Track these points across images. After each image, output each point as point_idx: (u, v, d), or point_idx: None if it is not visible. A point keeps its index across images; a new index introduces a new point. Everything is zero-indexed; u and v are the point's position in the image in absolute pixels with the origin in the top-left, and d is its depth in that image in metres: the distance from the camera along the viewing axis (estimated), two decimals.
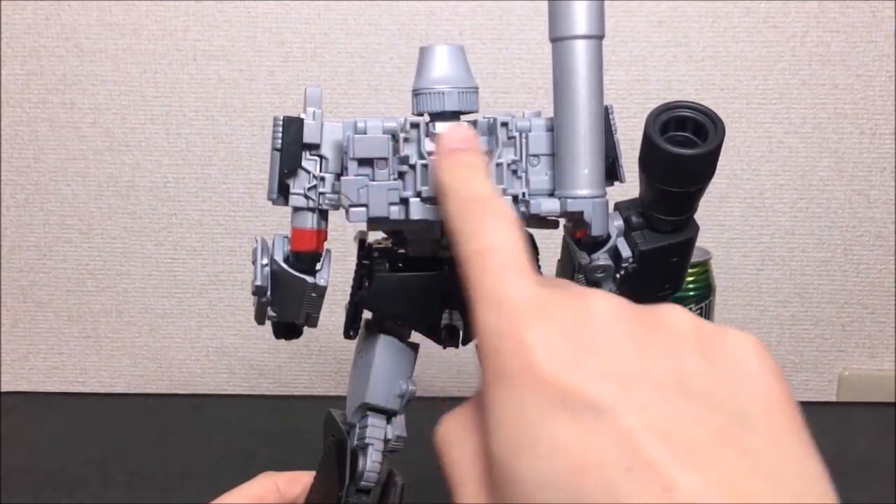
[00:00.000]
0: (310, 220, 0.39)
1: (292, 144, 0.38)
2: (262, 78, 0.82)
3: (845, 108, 0.82)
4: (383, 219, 0.37)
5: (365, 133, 0.37)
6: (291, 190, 0.39)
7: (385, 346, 0.41)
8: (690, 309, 0.71)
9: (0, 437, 0.79)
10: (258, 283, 0.39)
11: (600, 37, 0.33)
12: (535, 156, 0.37)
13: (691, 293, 0.70)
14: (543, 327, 0.24)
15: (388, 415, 0.41)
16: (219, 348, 0.89)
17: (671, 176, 0.39)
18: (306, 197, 0.38)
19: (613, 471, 0.21)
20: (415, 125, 0.37)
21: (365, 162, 0.37)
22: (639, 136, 0.40)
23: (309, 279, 0.39)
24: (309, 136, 0.38)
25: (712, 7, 0.80)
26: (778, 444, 0.22)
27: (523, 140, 0.37)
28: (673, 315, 0.25)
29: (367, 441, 0.40)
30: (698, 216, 0.43)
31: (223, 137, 0.83)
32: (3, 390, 0.89)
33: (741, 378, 0.24)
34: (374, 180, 0.37)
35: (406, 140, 0.37)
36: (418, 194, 0.37)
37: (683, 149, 0.38)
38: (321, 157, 0.38)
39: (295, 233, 0.39)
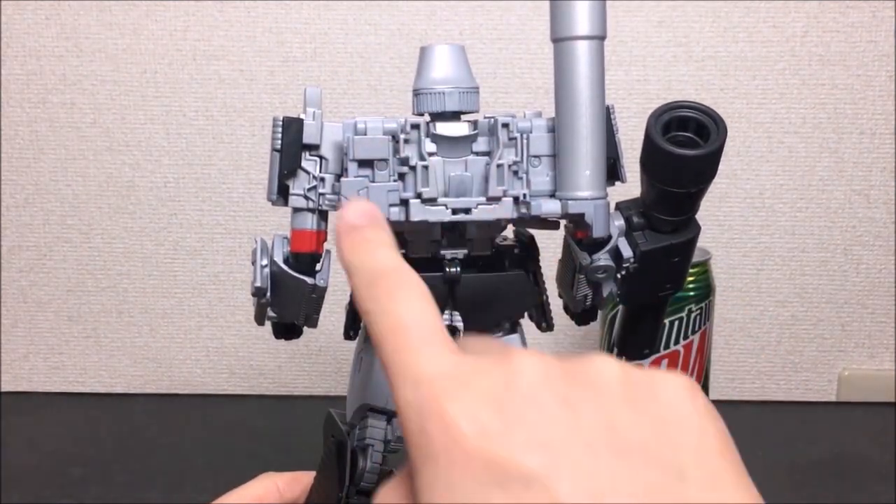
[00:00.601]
0: (309, 221, 0.39)
1: (292, 145, 0.37)
2: (262, 78, 0.82)
3: (845, 108, 0.82)
4: None
5: (365, 134, 0.37)
6: (291, 191, 0.38)
7: None
8: (690, 309, 0.71)
9: (0, 437, 0.79)
10: (258, 284, 0.39)
11: (602, 37, 0.33)
12: (536, 157, 0.36)
13: (691, 293, 0.70)
14: (466, 400, 0.23)
15: (389, 415, 0.41)
16: (219, 348, 0.89)
17: (673, 176, 0.39)
18: (306, 198, 0.38)
19: None
20: (415, 126, 0.37)
21: (365, 163, 0.37)
22: (640, 136, 0.39)
23: (309, 280, 0.39)
24: (309, 137, 0.38)
25: (712, 7, 0.80)
26: (716, 491, 0.22)
27: (524, 141, 0.36)
28: (600, 367, 0.24)
29: (367, 442, 0.40)
30: (698, 216, 0.43)
31: (223, 137, 0.83)
32: (3, 390, 0.89)
33: (673, 424, 0.23)
34: (374, 181, 0.37)
35: (406, 141, 0.37)
36: (418, 195, 0.36)
37: (685, 149, 0.38)
38: (321, 157, 0.38)
39: (294, 234, 0.39)
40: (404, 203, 0.37)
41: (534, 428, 0.22)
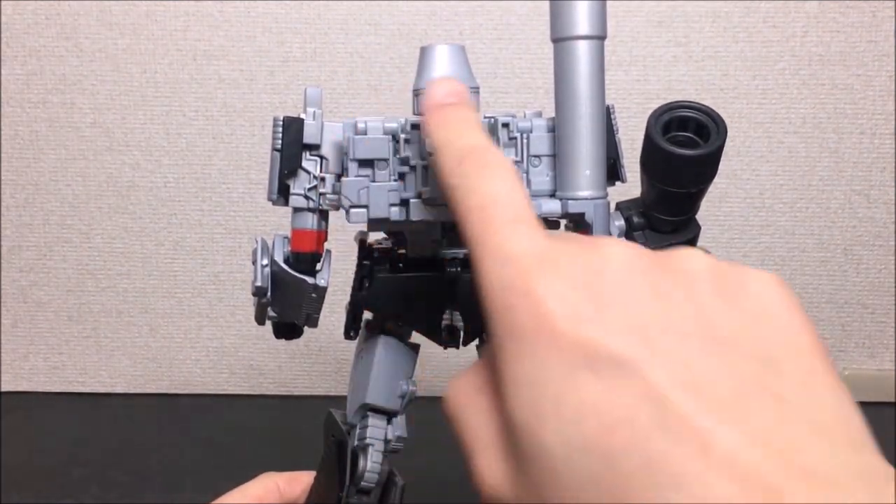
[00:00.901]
0: (310, 221, 0.39)
1: (292, 145, 0.37)
2: (262, 78, 0.82)
3: (845, 107, 0.82)
4: (384, 220, 0.37)
5: (365, 134, 0.37)
6: (291, 190, 0.38)
7: (386, 347, 0.41)
8: None
9: (0, 437, 0.79)
10: (258, 283, 0.39)
11: (602, 37, 0.33)
12: (536, 156, 0.36)
13: None
14: (557, 280, 0.22)
15: (389, 415, 0.41)
16: (219, 348, 0.89)
17: (673, 176, 0.39)
18: (306, 197, 0.38)
19: (645, 430, 0.20)
20: (415, 126, 0.37)
21: (365, 163, 0.37)
22: (640, 136, 0.39)
23: (309, 280, 0.39)
24: (309, 137, 0.38)
25: (712, 7, 0.80)
26: (809, 388, 0.21)
27: (524, 140, 0.36)
28: (690, 258, 0.24)
29: (367, 441, 0.40)
30: (698, 216, 0.43)
31: (223, 137, 0.83)
32: (3, 390, 0.89)
33: (765, 320, 0.23)
34: (374, 181, 0.36)
35: (407, 141, 0.37)
36: (419, 195, 0.36)
37: (685, 149, 0.38)
38: (321, 157, 0.38)
39: (295, 233, 0.39)
40: (405, 203, 0.37)
41: (626, 314, 0.22)
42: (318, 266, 0.40)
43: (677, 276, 0.23)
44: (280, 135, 0.38)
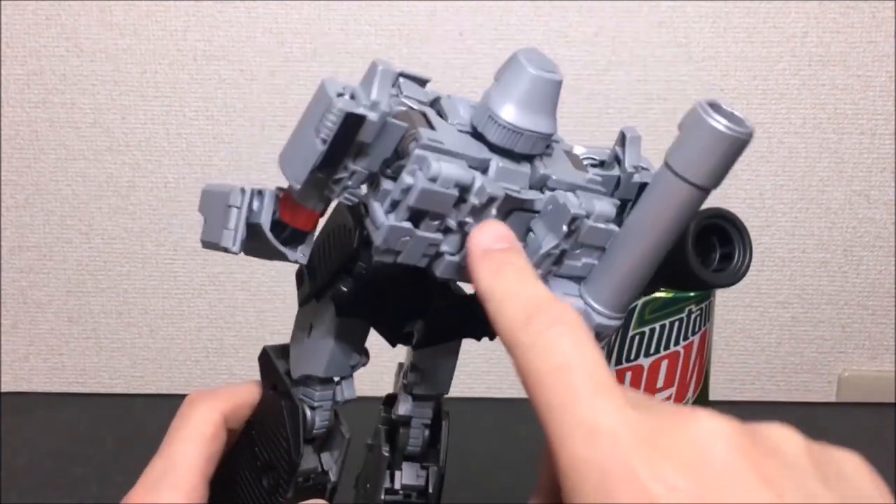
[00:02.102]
0: (315, 201, 0.34)
1: (342, 142, 0.31)
2: (263, 78, 0.82)
3: (845, 108, 0.82)
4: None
5: (436, 181, 0.30)
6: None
7: (344, 322, 0.38)
8: (690, 310, 0.71)
9: (0, 437, 0.79)
10: (227, 245, 0.33)
11: (707, 190, 0.31)
12: (583, 245, 0.32)
13: (691, 294, 0.70)
14: (659, 463, 0.21)
15: (334, 386, 0.39)
16: (219, 349, 0.89)
17: (679, 282, 0.36)
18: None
19: None
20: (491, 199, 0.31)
21: (419, 212, 0.31)
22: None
23: (291, 255, 0.35)
24: (365, 136, 0.31)
25: (712, 7, 0.80)
26: None
27: (578, 229, 0.32)
28: (788, 440, 0.23)
29: (315, 404, 0.39)
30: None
31: (223, 138, 0.83)
32: (3, 390, 0.89)
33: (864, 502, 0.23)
34: (417, 230, 0.31)
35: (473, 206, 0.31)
36: (455, 253, 0.32)
37: (716, 273, 0.35)
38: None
39: (297, 210, 0.34)
40: (437, 256, 0.32)
41: (738, 500, 0.21)
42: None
43: (779, 460, 0.22)
44: (333, 127, 0.30)
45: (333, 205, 0.35)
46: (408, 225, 0.31)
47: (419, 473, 0.42)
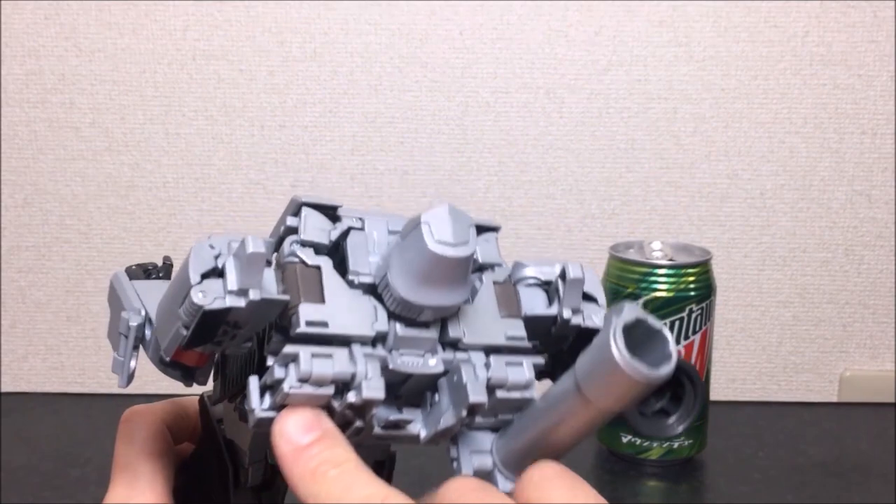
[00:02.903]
0: (206, 349, 0.30)
1: (207, 328, 0.27)
2: (262, 78, 0.82)
3: (846, 107, 0.82)
4: None
5: (307, 381, 0.26)
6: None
7: None
8: (691, 310, 0.71)
9: (0, 437, 0.79)
10: (121, 383, 0.31)
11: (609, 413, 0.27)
12: (496, 408, 0.30)
13: (692, 294, 0.70)
14: None
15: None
16: None
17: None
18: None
19: None
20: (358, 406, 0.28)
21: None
22: (639, 135, 0.39)
23: (186, 385, 0.32)
24: (235, 318, 0.27)
25: (713, 7, 0.80)
26: None
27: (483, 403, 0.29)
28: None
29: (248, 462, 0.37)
30: (699, 215, 0.42)
31: (222, 137, 0.83)
32: (3, 390, 0.89)
33: None
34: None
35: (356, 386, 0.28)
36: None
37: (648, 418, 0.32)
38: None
39: (183, 353, 0.31)
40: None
41: None
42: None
43: None
44: (192, 319, 0.27)
45: None
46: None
47: None
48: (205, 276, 0.27)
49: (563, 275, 0.31)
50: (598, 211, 0.84)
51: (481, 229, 0.32)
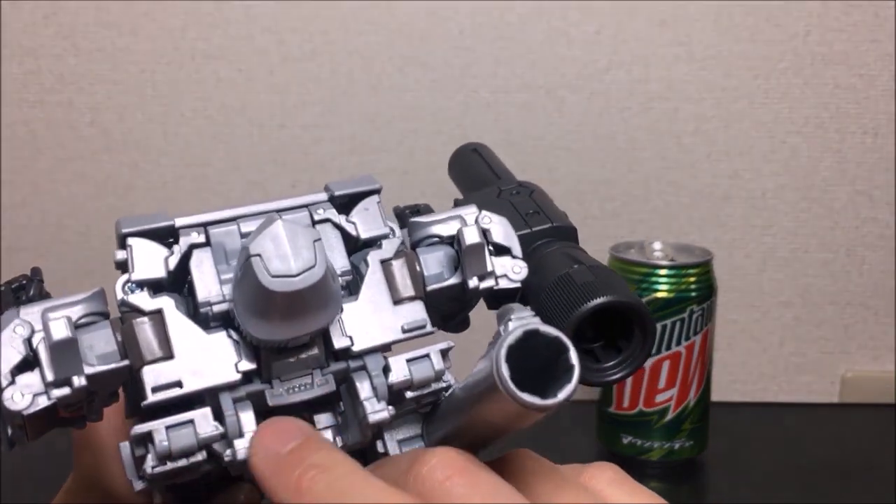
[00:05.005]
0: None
1: (43, 419, 0.25)
2: (261, 78, 0.82)
3: (848, 107, 0.82)
4: None
5: (169, 458, 0.24)
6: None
7: None
8: (692, 310, 0.70)
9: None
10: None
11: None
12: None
13: (693, 294, 0.70)
14: None
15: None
16: None
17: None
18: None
19: None
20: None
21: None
22: (639, 135, 0.39)
23: (77, 426, 0.29)
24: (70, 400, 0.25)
25: (714, 6, 0.80)
26: None
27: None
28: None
29: None
30: (700, 215, 0.42)
31: (221, 137, 0.83)
32: None
33: None
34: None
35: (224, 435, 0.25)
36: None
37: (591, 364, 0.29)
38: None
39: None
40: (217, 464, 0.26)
41: None
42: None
43: None
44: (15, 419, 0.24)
45: None
46: (158, 483, 0.25)
47: None
48: (19, 368, 0.23)
49: (459, 241, 0.28)
50: (599, 211, 0.84)
51: (357, 196, 0.28)
